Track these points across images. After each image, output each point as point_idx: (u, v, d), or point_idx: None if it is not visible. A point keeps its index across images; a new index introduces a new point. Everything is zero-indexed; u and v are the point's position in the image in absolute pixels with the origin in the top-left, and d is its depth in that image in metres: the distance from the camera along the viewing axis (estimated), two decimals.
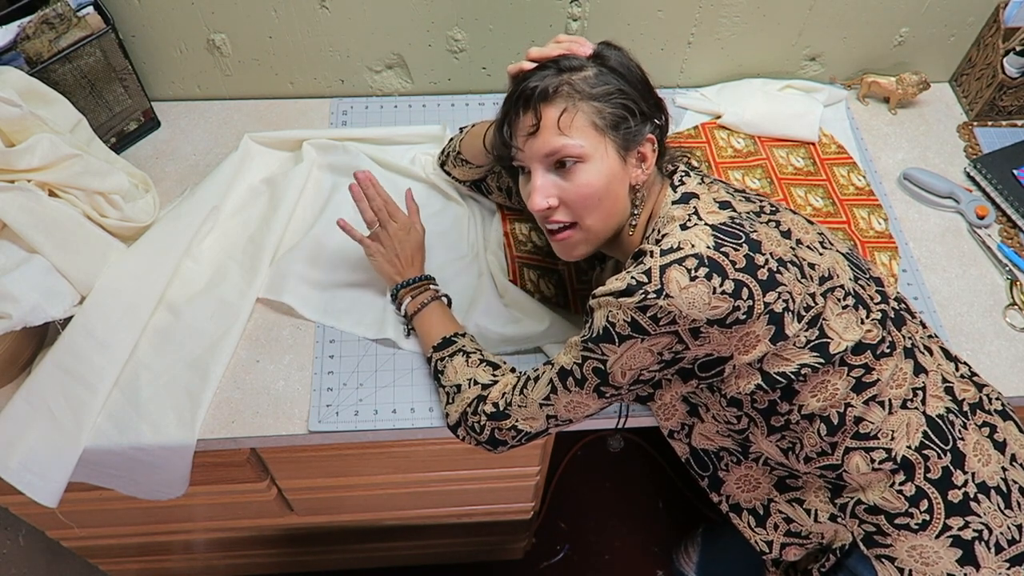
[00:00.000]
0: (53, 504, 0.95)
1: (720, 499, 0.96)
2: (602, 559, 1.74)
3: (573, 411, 0.86)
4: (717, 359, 0.80)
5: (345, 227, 1.05)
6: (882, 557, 0.85)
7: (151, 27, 1.23)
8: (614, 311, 0.77)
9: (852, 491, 0.87)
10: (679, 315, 0.74)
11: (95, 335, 0.98)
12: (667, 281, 0.74)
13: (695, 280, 0.74)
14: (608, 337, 0.78)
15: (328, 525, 1.38)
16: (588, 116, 0.83)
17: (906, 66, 1.41)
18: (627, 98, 0.84)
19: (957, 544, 0.82)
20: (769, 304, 0.76)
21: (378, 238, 1.04)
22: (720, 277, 0.74)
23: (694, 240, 0.77)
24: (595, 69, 0.84)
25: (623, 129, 0.84)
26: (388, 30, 1.27)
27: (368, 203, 1.04)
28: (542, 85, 0.83)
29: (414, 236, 1.06)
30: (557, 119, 0.82)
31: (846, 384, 0.82)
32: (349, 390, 1.02)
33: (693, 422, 0.92)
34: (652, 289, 0.74)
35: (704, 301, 0.74)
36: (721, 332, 0.76)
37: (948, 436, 0.85)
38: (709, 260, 0.75)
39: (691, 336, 0.76)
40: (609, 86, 0.83)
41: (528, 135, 0.84)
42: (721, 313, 0.75)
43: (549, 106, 0.83)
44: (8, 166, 0.94)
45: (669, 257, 0.76)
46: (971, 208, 1.24)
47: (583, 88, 0.83)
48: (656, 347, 0.78)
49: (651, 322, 0.75)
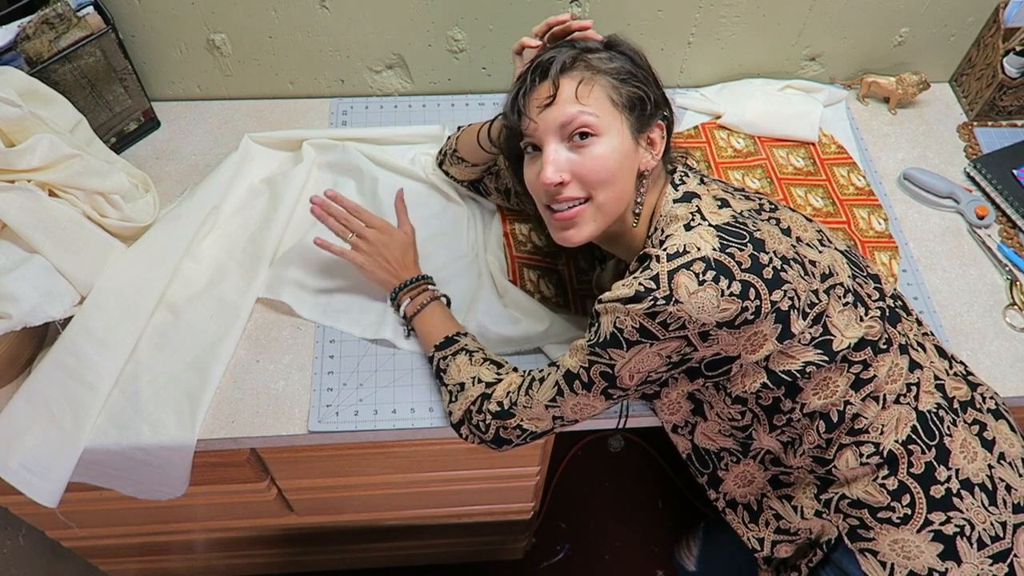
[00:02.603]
0: (53, 504, 0.94)
1: (717, 496, 0.97)
2: (602, 559, 1.74)
3: (580, 412, 0.86)
4: (724, 359, 0.80)
5: (323, 244, 1.03)
6: (865, 551, 0.85)
7: (151, 27, 1.23)
8: (622, 317, 0.77)
9: (838, 486, 0.87)
10: (689, 320, 0.74)
11: (95, 335, 0.98)
12: (676, 287, 0.74)
13: (703, 284, 0.74)
14: (616, 343, 0.78)
15: (328, 525, 1.38)
16: (605, 90, 0.83)
17: (906, 66, 1.41)
18: (640, 82, 0.84)
19: (938, 539, 0.82)
20: (776, 303, 0.77)
21: (359, 247, 1.03)
22: (728, 279, 0.74)
23: (699, 243, 0.76)
24: (609, 53, 0.85)
25: (638, 111, 0.84)
26: (388, 30, 1.27)
27: (334, 219, 1.03)
28: (561, 57, 0.83)
29: (398, 237, 1.05)
30: (576, 89, 0.82)
31: (846, 381, 0.83)
32: (349, 390, 1.02)
33: (696, 421, 0.92)
34: (661, 295, 0.74)
35: (713, 304, 0.74)
36: (730, 333, 0.76)
37: (935, 432, 0.85)
38: (716, 263, 0.75)
39: (700, 339, 0.77)
40: (625, 67, 0.84)
41: (544, 106, 0.83)
42: (730, 315, 0.75)
43: (567, 77, 0.83)
44: (8, 166, 0.94)
45: (676, 262, 0.75)
46: (971, 208, 1.24)
47: (599, 65, 0.83)
48: (665, 351, 0.78)
49: (660, 328, 0.75)
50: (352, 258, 1.03)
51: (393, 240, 1.05)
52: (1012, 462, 0.87)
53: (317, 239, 1.04)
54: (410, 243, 1.07)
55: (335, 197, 1.05)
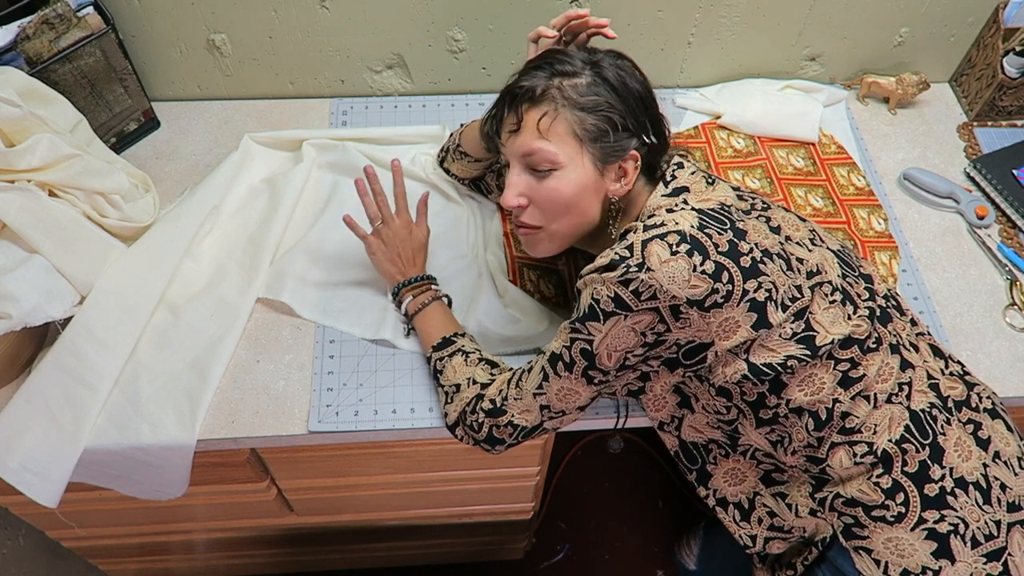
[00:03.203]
0: (53, 504, 0.95)
1: (707, 493, 0.97)
2: (602, 559, 1.74)
3: (565, 400, 0.86)
4: (699, 345, 0.81)
5: (350, 223, 1.05)
6: (860, 549, 0.85)
7: (151, 27, 1.23)
8: (598, 287, 0.79)
9: (833, 485, 0.88)
10: (659, 289, 0.76)
11: (95, 335, 0.98)
12: (648, 254, 0.76)
13: (675, 255, 0.76)
14: (593, 314, 0.80)
15: (328, 525, 1.38)
16: (569, 124, 0.85)
17: (906, 66, 1.41)
18: (613, 111, 0.85)
19: (932, 537, 0.82)
20: (749, 292, 0.78)
21: (380, 235, 1.04)
22: (701, 256, 0.76)
23: (679, 219, 0.79)
24: (589, 78, 0.85)
25: (603, 142, 0.85)
26: (388, 30, 1.27)
27: (372, 198, 1.05)
28: (529, 85, 0.86)
29: (416, 236, 1.06)
30: (537, 121, 0.85)
31: (832, 378, 0.83)
32: (349, 390, 1.02)
33: (683, 414, 0.92)
34: (634, 263, 0.76)
35: (684, 277, 0.75)
36: (700, 315, 0.77)
37: (929, 431, 0.86)
38: (691, 238, 0.77)
39: (672, 315, 0.77)
40: (598, 98, 0.85)
41: (510, 132, 0.88)
42: (700, 294, 0.76)
43: (532, 108, 0.86)
44: (8, 166, 0.94)
45: (651, 232, 0.78)
46: (971, 208, 1.25)
47: (571, 96, 0.85)
48: (639, 326, 0.79)
49: (633, 296, 0.77)
50: (369, 243, 1.04)
51: (411, 238, 1.06)
52: (1007, 461, 0.87)
53: (345, 216, 1.05)
54: (423, 245, 1.08)
55: (377, 179, 1.06)
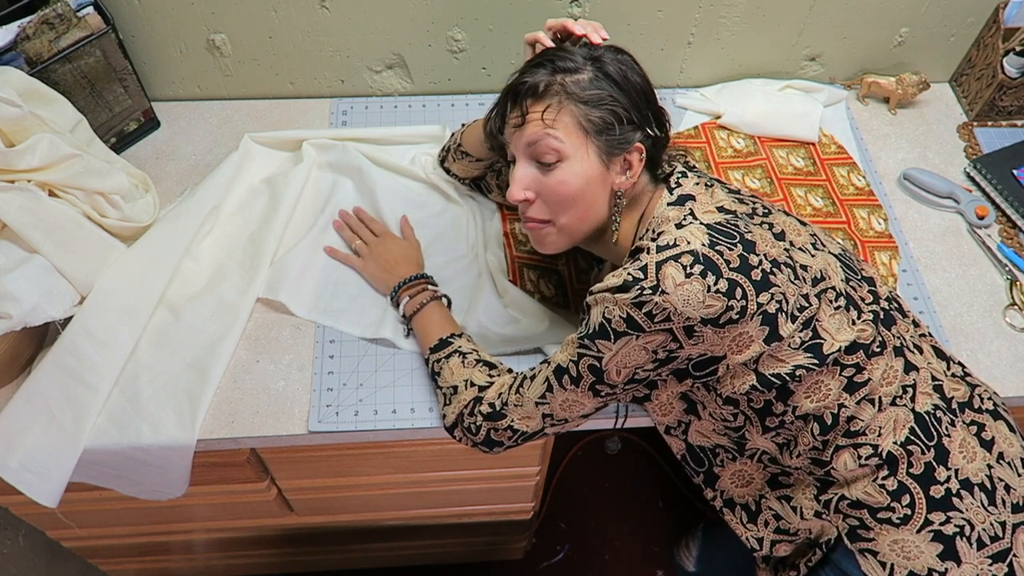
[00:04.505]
0: (53, 504, 0.95)
1: (714, 495, 0.97)
2: (602, 559, 1.74)
3: (569, 410, 0.86)
4: (711, 359, 0.80)
5: (332, 253, 1.13)
6: (865, 551, 0.85)
7: (151, 27, 1.23)
8: (610, 307, 0.78)
9: (837, 487, 0.87)
10: (674, 312, 0.75)
11: (95, 335, 0.98)
12: (663, 277, 0.75)
13: (690, 277, 0.75)
14: (604, 333, 0.79)
15: (328, 525, 1.38)
16: (575, 116, 0.84)
17: (906, 66, 1.41)
18: (617, 105, 0.84)
19: (938, 539, 0.82)
20: (762, 305, 0.77)
21: (363, 251, 1.11)
22: (715, 276, 0.75)
23: (689, 237, 0.78)
24: (591, 73, 0.85)
25: (608, 135, 0.85)
26: (388, 30, 1.27)
27: (348, 229, 1.15)
28: (532, 81, 0.85)
29: (400, 241, 1.12)
30: (542, 113, 0.85)
31: (839, 384, 0.83)
32: (349, 390, 1.02)
33: (690, 419, 0.92)
34: (648, 285, 0.75)
35: (699, 299, 0.74)
36: (715, 332, 0.77)
37: (933, 432, 0.85)
38: (704, 258, 0.76)
39: (685, 335, 0.77)
40: (601, 91, 0.84)
41: (515, 126, 0.87)
42: (715, 312, 0.75)
43: (536, 103, 0.85)
44: (8, 166, 0.94)
45: (665, 253, 0.76)
46: (971, 208, 1.25)
47: (573, 91, 0.84)
48: (651, 345, 0.78)
49: (646, 318, 0.76)
50: (355, 263, 1.11)
51: (394, 243, 1.10)
52: (1011, 462, 0.87)
53: (327, 248, 1.13)
54: (412, 248, 1.11)
55: (359, 212, 1.17)
